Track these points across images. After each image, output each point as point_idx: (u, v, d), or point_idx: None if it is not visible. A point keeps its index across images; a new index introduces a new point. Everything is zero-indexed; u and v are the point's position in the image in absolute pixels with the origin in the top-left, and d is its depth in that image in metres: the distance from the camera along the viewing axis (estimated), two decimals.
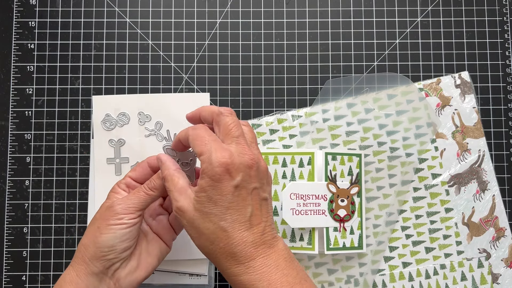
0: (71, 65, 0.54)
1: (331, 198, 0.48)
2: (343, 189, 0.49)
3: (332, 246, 0.48)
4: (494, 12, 0.54)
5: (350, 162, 0.49)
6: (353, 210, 0.49)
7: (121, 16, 0.54)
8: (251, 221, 0.36)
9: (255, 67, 0.54)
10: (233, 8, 0.54)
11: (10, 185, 0.52)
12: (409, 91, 0.52)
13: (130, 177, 0.42)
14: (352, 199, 0.49)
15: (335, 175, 0.49)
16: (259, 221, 0.36)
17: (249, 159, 0.36)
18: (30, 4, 0.54)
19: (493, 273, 0.51)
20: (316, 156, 0.49)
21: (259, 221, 0.36)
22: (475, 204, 0.51)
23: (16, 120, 0.53)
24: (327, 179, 0.48)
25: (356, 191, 0.49)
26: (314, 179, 0.48)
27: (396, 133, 0.51)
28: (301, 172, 0.49)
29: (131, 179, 0.42)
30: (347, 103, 0.52)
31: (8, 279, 0.51)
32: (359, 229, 0.49)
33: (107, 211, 0.39)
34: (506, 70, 0.54)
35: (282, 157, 0.50)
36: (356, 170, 0.50)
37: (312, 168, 0.49)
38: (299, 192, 0.48)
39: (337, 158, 0.49)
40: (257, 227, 0.36)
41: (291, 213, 0.47)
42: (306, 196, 0.48)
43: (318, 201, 0.48)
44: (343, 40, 0.54)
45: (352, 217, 0.49)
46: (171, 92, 0.53)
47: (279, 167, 0.50)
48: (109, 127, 0.52)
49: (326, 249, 0.47)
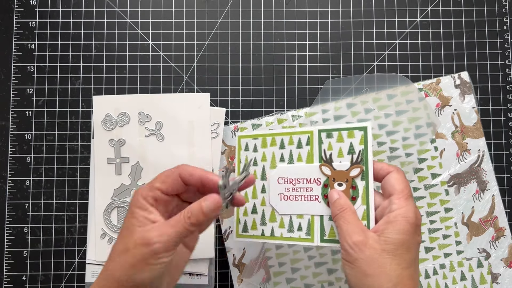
0: (72, 65, 0.54)
1: (326, 182, 0.42)
2: (340, 171, 0.42)
3: (327, 237, 0.41)
4: (494, 12, 0.55)
5: (350, 138, 0.42)
6: (354, 196, 0.41)
7: (122, 16, 0.54)
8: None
9: (255, 67, 0.54)
10: (233, 8, 0.54)
11: (10, 185, 0.52)
12: (409, 91, 0.52)
13: (159, 190, 0.37)
14: (354, 183, 0.41)
15: (331, 155, 0.42)
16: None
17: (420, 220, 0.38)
18: (30, 4, 0.54)
19: (492, 272, 0.51)
20: (315, 136, 0.43)
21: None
22: (474, 204, 0.51)
23: (16, 120, 0.53)
24: (321, 160, 0.43)
25: (358, 173, 0.41)
26: (313, 161, 0.43)
27: (396, 133, 0.51)
28: (299, 154, 0.44)
29: (161, 191, 0.37)
30: (347, 103, 0.52)
31: (8, 279, 0.51)
32: (364, 219, 0.40)
33: (144, 248, 0.34)
34: (506, 70, 0.54)
35: (280, 138, 0.45)
36: (360, 147, 0.41)
37: (311, 149, 0.43)
38: (288, 176, 0.44)
39: (333, 135, 0.42)
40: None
41: (278, 198, 0.44)
42: (296, 180, 0.43)
43: (310, 185, 0.43)
44: (343, 40, 0.54)
45: (354, 205, 0.40)
46: (171, 92, 0.53)
47: (276, 149, 0.45)
48: (110, 127, 0.52)
49: (320, 240, 0.41)
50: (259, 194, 0.45)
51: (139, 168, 0.51)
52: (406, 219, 0.36)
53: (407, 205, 0.37)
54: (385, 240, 0.36)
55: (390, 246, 0.36)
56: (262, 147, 0.45)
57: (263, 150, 0.45)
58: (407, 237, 0.36)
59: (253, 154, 0.46)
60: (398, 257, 0.35)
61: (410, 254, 0.36)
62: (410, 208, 0.37)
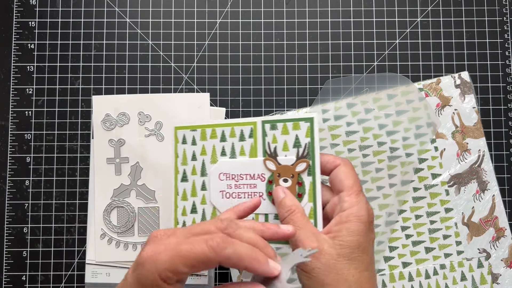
0: (71, 65, 0.54)
1: (270, 178, 0.39)
2: (285, 166, 0.39)
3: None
4: (494, 12, 0.54)
5: (296, 130, 0.39)
6: (300, 192, 0.38)
7: (121, 16, 0.54)
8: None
9: (255, 67, 0.54)
10: (233, 8, 0.54)
11: (10, 185, 0.52)
12: (409, 91, 0.52)
13: (184, 274, 0.31)
14: (300, 179, 0.38)
15: (275, 148, 0.40)
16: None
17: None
18: (30, 4, 0.54)
19: (493, 273, 0.51)
20: (258, 127, 0.40)
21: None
22: (475, 204, 0.51)
23: (16, 120, 0.53)
24: (265, 154, 0.40)
25: (304, 168, 0.38)
26: (256, 155, 0.40)
27: (396, 133, 0.51)
28: (242, 148, 0.41)
29: (185, 275, 0.31)
30: (347, 103, 0.52)
31: (8, 279, 0.51)
32: (311, 217, 0.38)
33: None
34: (506, 70, 0.54)
35: (220, 130, 0.41)
36: (306, 139, 0.39)
37: (254, 142, 0.40)
38: (230, 171, 0.41)
39: (278, 126, 0.39)
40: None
41: (220, 196, 0.41)
42: (239, 176, 0.40)
43: (254, 181, 0.40)
44: (343, 40, 0.54)
45: (301, 202, 0.38)
46: (171, 92, 0.53)
47: (217, 142, 0.42)
48: (109, 127, 0.52)
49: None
50: (199, 191, 0.42)
51: (138, 168, 0.51)
52: (359, 218, 0.35)
53: (359, 202, 0.36)
54: (340, 244, 0.34)
55: (346, 250, 0.34)
56: (201, 140, 0.42)
57: (202, 143, 0.42)
58: (362, 238, 0.35)
59: (191, 148, 0.43)
60: (355, 261, 0.34)
61: (366, 255, 0.35)
62: (362, 205, 0.35)
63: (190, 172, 0.43)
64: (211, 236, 0.30)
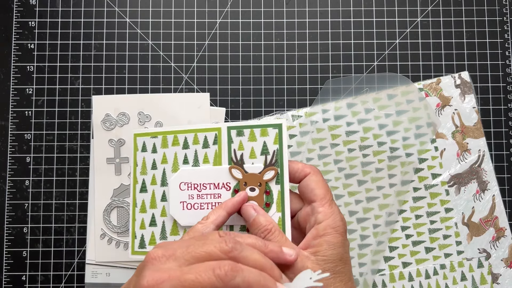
0: (71, 65, 0.54)
1: (236, 187, 0.38)
2: (252, 174, 0.37)
3: None
4: (494, 12, 0.54)
5: (264, 136, 0.37)
6: (268, 202, 0.37)
7: (121, 16, 0.54)
8: None
9: (255, 67, 0.54)
10: (233, 8, 0.54)
11: (10, 185, 0.52)
12: (409, 91, 0.52)
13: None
14: (267, 187, 0.37)
15: (242, 155, 0.38)
16: None
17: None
18: (30, 4, 0.54)
19: (493, 273, 0.51)
20: (223, 133, 0.39)
21: None
22: (475, 204, 0.51)
23: (16, 120, 0.53)
24: (230, 162, 0.38)
25: (272, 176, 0.37)
26: (221, 163, 0.38)
27: (396, 133, 0.51)
28: (205, 155, 0.39)
29: None
30: (347, 103, 0.52)
31: (8, 279, 0.51)
32: (280, 226, 0.37)
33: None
34: (506, 70, 0.54)
35: (183, 136, 0.39)
36: (274, 146, 0.37)
37: (219, 149, 0.38)
38: (192, 180, 0.38)
39: (245, 132, 0.38)
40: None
41: (181, 207, 0.38)
42: (202, 186, 0.38)
43: (218, 191, 0.38)
44: (343, 40, 0.54)
45: (268, 212, 0.37)
46: (171, 92, 0.53)
47: (179, 149, 0.39)
48: (109, 127, 0.52)
49: None
50: (158, 202, 0.40)
51: None
52: (336, 230, 0.34)
53: (333, 212, 0.35)
54: (324, 260, 0.33)
55: (330, 265, 0.33)
56: (162, 147, 0.40)
57: (163, 150, 0.40)
58: (342, 249, 0.34)
59: (151, 156, 0.40)
60: (340, 274, 0.34)
61: (347, 264, 0.34)
62: (336, 215, 0.35)
63: (150, 181, 0.41)
64: (218, 264, 0.28)
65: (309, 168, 0.37)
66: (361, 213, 0.51)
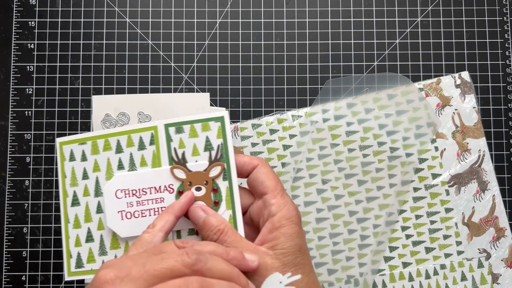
0: (71, 65, 0.53)
1: (180, 188, 0.35)
2: (197, 173, 0.35)
3: None
4: (494, 12, 0.54)
5: (206, 131, 0.35)
6: (217, 200, 0.35)
7: (121, 16, 0.54)
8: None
9: (255, 67, 0.54)
10: (233, 8, 0.54)
11: (10, 185, 0.52)
12: (409, 91, 0.52)
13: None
14: (215, 185, 0.35)
15: (183, 154, 0.35)
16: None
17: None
18: (30, 4, 0.54)
19: (493, 273, 0.51)
20: (160, 132, 0.36)
21: None
22: (475, 204, 0.51)
23: (16, 120, 0.53)
24: (171, 162, 0.35)
25: (219, 173, 0.35)
26: (161, 164, 0.35)
27: (396, 133, 0.51)
28: (142, 157, 0.36)
29: None
30: (347, 103, 0.52)
31: (8, 279, 0.51)
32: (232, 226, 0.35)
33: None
34: (506, 70, 0.54)
35: (115, 140, 0.36)
36: (218, 141, 0.35)
37: (157, 149, 0.36)
38: (129, 187, 0.35)
39: (184, 129, 0.36)
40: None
41: (119, 217, 0.35)
42: (141, 191, 0.35)
43: (161, 195, 0.35)
44: (343, 40, 0.54)
45: (218, 211, 0.35)
46: (171, 92, 0.53)
47: (112, 154, 0.36)
48: (109, 127, 0.52)
49: None
50: (93, 215, 0.36)
51: None
52: (291, 220, 0.33)
53: (286, 203, 0.33)
54: (282, 253, 0.32)
55: (290, 257, 0.32)
56: (93, 154, 0.37)
57: (94, 157, 0.37)
58: (299, 240, 0.33)
59: (81, 164, 0.37)
60: (300, 265, 0.32)
61: (306, 255, 0.33)
62: (290, 205, 0.33)
63: (82, 193, 0.37)
64: (186, 283, 0.25)
65: (256, 160, 0.35)
66: (361, 213, 0.51)
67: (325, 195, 0.51)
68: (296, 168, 0.51)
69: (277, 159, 0.52)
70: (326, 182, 0.51)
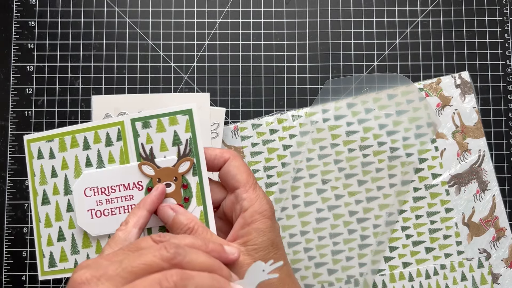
0: (71, 65, 0.53)
1: (149, 185, 0.35)
2: (166, 169, 0.34)
3: None
4: (494, 12, 0.54)
5: (173, 125, 0.35)
6: (187, 196, 0.34)
7: (121, 16, 0.54)
8: None
9: (255, 67, 0.54)
10: (233, 8, 0.54)
11: (10, 185, 0.52)
12: (409, 91, 0.52)
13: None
14: (184, 181, 0.34)
15: (151, 149, 0.35)
16: None
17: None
18: (30, 4, 0.54)
19: (493, 273, 0.51)
20: (127, 127, 0.35)
21: None
22: (475, 204, 0.51)
23: (16, 120, 0.53)
24: (139, 158, 0.35)
25: (188, 168, 0.34)
26: (129, 161, 0.35)
27: (396, 133, 0.51)
28: (110, 154, 0.35)
29: None
30: (347, 103, 0.52)
31: (8, 279, 0.51)
32: (202, 221, 0.34)
33: None
34: (506, 70, 0.54)
35: (82, 136, 0.35)
36: (186, 135, 0.34)
37: (124, 145, 0.35)
38: (98, 184, 0.35)
39: (151, 123, 0.35)
40: None
41: (89, 216, 0.35)
42: (110, 189, 0.35)
43: (130, 192, 0.34)
44: (343, 40, 0.54)
45: (188, 207, 0.34)
46: (171, 92, 0.53)
47: (80, 151, 0.35)
48: None
49: None
50: (64, 214, 0.36)
51: None
52: (263, 215, 0.32)
53: (258, 197, 0.33)
54: (254, 249, 0.31)
55: (262, 253, 0.31)
56: (61, 151, 0.36)
57: (62, 154, 0.36)
58: (272, 234, 0.32)
59: (49, 162, 0.36)
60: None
61: (280, 249, 0.32)
62: (262, 199, 0.33)
63: (52, 192, 0.36)
64: (165, 275, 0.24)
65: (227, 153, 0.34)
66: (361, 213, 0.51)
67: (325, 195, 0.51)
68: (296, 168, 0.51)
69: (277, 159, 0.52)
70: (326, 182, 0.51)
